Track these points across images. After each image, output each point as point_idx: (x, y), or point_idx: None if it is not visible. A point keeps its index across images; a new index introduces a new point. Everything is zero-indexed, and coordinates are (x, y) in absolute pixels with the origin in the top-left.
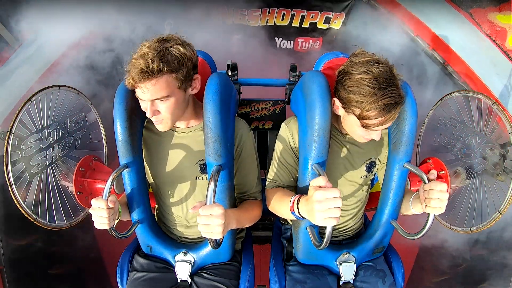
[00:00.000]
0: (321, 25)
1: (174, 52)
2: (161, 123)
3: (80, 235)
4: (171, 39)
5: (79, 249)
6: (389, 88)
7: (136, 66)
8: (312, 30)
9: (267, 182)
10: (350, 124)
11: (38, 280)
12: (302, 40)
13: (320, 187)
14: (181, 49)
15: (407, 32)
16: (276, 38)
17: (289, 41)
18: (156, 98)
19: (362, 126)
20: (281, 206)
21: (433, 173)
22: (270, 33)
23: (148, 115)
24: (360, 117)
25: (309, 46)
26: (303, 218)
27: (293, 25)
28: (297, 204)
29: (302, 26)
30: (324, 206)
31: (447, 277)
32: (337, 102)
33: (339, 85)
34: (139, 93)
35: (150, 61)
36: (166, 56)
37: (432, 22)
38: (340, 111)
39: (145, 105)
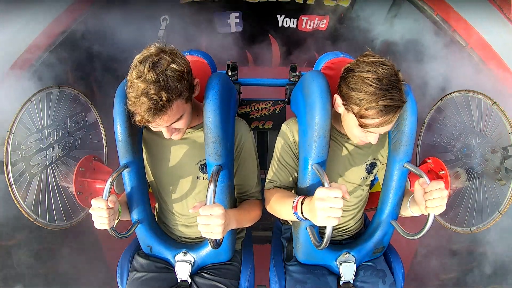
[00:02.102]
0: (328, 2)
1: (171, 75)
2: (178, 134)
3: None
4: (160, 59)
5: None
6: (391, 90)
7: (142, 107)
8: (318, 7)
9: (266, 182)
10: (348, 123)
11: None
12: (307, 18)
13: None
14: (175, 67)
15: (425, 10)
16: (278, 16)
17: (292, 19)
18: (172, 122)
19: (360, 125)
20: (282, 206)
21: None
22: (271, 10)
23: (166, 136)
24: (358, 116)
25: (314, 25)
26: (305, 219)
27: (296, 1)
28: (301, 204)
29: (307, 2)
30: (326, 205)
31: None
32: (338, 99)
33: (342, 81)
34: (152, 126)
35: (157, 97)
36: (167, 83)
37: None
38: (340, 108)
39: (158, 129)
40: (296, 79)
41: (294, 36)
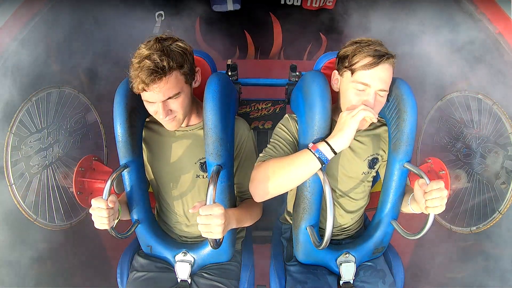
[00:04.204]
0: None
1: (175, 49)
2: (174, 121)
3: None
4: (167, 37)
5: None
6: (380, 45)
7: (144, 69)
8: None
9: (259, 157)
10: (344, 89)
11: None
12: None
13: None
14: (181, 44)
15: None
16: None
17: None
18: (168, 97)
19: (351, 74)
20: (288, 160)
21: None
22: None
23: (160, 116)
24: (349, 64)
25: (320, 3)
26: (326, 158)
27: None
28: (325, 141)
29: None
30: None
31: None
32: (335, 73)
33: (338, 54)
34: (149, 96)
35: (158, 60)
36: (170, 53)
37: None
38: (336, 85)
39: (155, 108)
40: (296, 79)
41: (298, 15)
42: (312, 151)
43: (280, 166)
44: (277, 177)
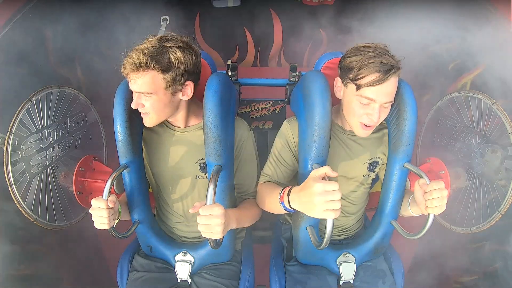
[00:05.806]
0: None
1: (169, 53)
2: (146, 117)
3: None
4: (173, 39)
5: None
6: (386, 55)
7: (129, 57)
8: None
9: (260, 176)
10: (348, 101)
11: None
12: None
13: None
14: (178, 52)
15: None
16: None
17: None
18: (141, 92)
19: (357, 89)
20: (270, 198)
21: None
22: None
23: (132, 106)
24: (354, 77)
25: None
26: (293, 210)
27: None
28: (288, 195)
29: None
30: (324, 199)
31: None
32: (338, 81)
33: (341, 60)
34: (130, 82)
35: (141, 55)
36: (159, 54)
37: None
38: (339, 93)
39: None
40: (296, 79)
41: (299, 11)
42: (279, 201)
43: (264, 199)
44: (264, 205)
